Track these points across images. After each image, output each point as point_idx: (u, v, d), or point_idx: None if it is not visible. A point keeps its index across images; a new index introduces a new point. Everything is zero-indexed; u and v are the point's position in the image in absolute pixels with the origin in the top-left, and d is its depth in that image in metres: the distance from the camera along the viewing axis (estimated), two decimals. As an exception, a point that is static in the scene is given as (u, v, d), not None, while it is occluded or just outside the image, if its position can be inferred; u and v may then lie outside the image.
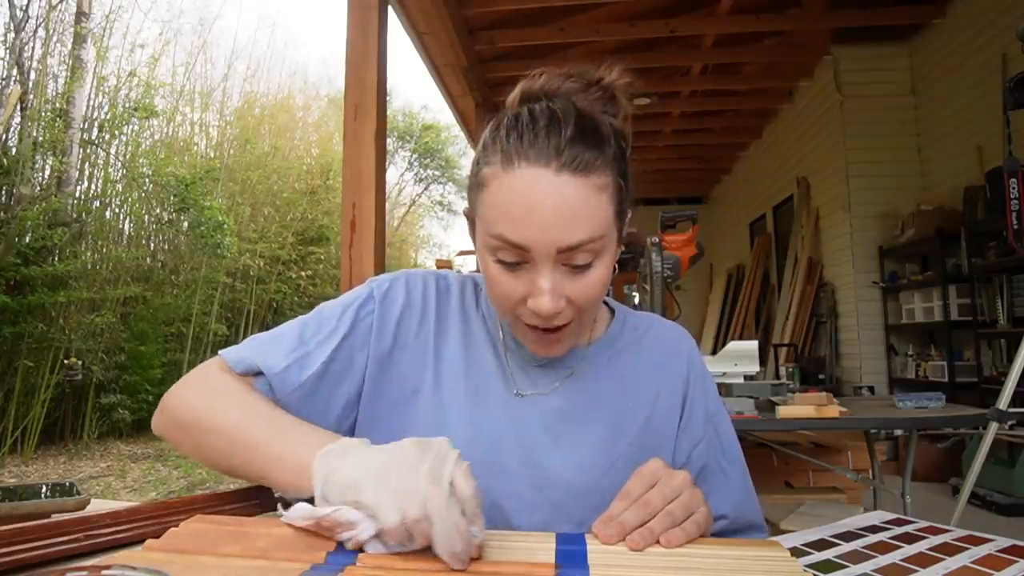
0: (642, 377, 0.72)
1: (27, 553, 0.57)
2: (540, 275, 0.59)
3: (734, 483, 0.71)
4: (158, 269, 7.26)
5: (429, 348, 0.70)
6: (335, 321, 0.69)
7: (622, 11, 4.28)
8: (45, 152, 6.30)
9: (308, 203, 8.90)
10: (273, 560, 0.46)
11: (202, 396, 0.63)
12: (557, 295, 0.59)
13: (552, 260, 0.58)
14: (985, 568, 0.50)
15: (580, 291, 0.60)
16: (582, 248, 0.58)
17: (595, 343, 0.74)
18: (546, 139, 0.57)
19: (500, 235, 0.58)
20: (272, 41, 20.99)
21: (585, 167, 0.57)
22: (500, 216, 0.58)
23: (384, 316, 0.70)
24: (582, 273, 0.60)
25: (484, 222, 0.61)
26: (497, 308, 0.66)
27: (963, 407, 2.30)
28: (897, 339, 4.71)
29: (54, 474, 5.03)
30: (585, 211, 0.57)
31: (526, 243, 0.57)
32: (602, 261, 0.61)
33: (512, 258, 0.59)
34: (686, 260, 2.19)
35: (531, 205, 0.57)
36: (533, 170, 0.57)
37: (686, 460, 0.71)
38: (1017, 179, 2.61)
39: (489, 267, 0.62)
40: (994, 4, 3.76)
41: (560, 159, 0.56)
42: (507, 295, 0.61)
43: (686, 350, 0.76)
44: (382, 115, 2.67)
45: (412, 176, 16.16)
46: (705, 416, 0.73)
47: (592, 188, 0.58)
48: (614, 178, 0.60)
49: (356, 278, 2.56)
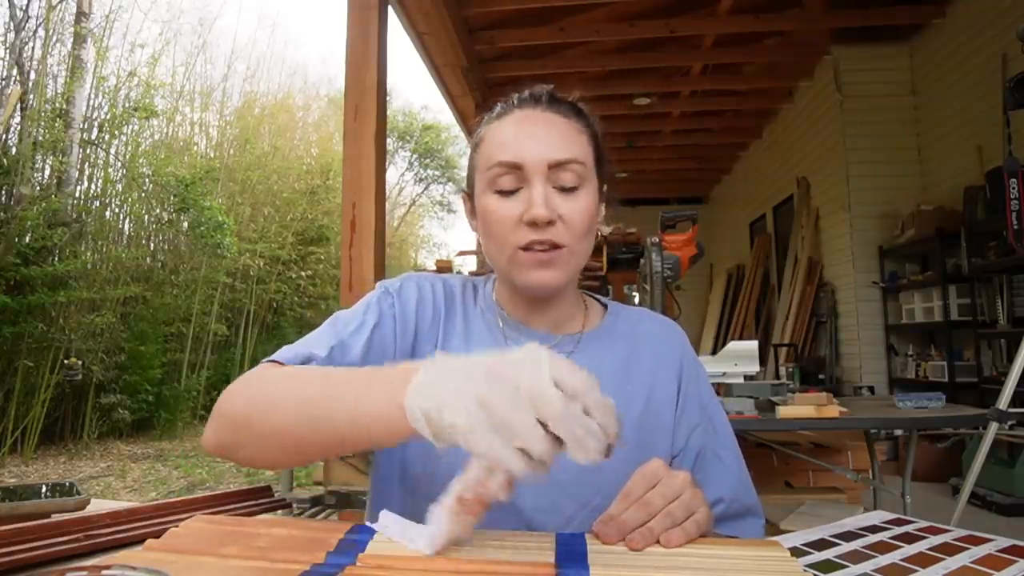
0: (638, 364, 0.75)
1: (27, 553, 0.57)
2: (533, 188, 0.66)
3: (729, 468, 0.73)
4: (158, 269, 7.25)
5: (437, 340, 0.74)
6: (361, 316, 0.71)
7: (622, 11, 4.28)
8: (45, 152, 6.30)
9: (308, 203, 8.90)
10: (273, 560, 0.46)
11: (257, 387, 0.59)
12: (550, 206, 0.66)
13: (544, 176, 0.67)
14: (985, 568, 0.50)
15: (569, 209, 0.67)
16: (569, 166, 0.67)
17: (591, 331, 0.77)
18: (532, 97, 0.71)
19: (498, 161, 0.67)
20: (272, 41, 21.00)
21: (567, 114, 0.70)
22: (496, 147, 0.68)
23: (404, 309, 0.73)
24: (570, 194, 0.68)
25: (483, 165, 0.70)
26: (496, 243, 0.70)
27: (963, 407, 2.30)
28: (897, 339, 4.71)
29: (54, 474, 5.03)
30: (570, 137, 0.69)
31: (520, 159, 0.66)
32: (586, 191, 0.69)
33: (509, 184, 0.67)
34: (686, 260, 2.19)
35: (524, 129, 0.68)
36: (523, 111, 0.70)
37: (684, 446, 0.73)
38: (1017, 179, 2.61)
39: (489, 205, 0.69)
40: (994, 4, 3.76)
41: (544, 105, 0.70)
42: (505, 218, 0.68)
43: (678, 341, 0.79)
44: (382, 115, 2.68)
45: (412, 176, 16.16)
46: (699, 404, 0.76)
47: (573, 128, 0.70)
48: (591, 133, 0.72)
49: (356, 278, 2.56)
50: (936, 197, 4.30)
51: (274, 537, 0.51)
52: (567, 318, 0.76)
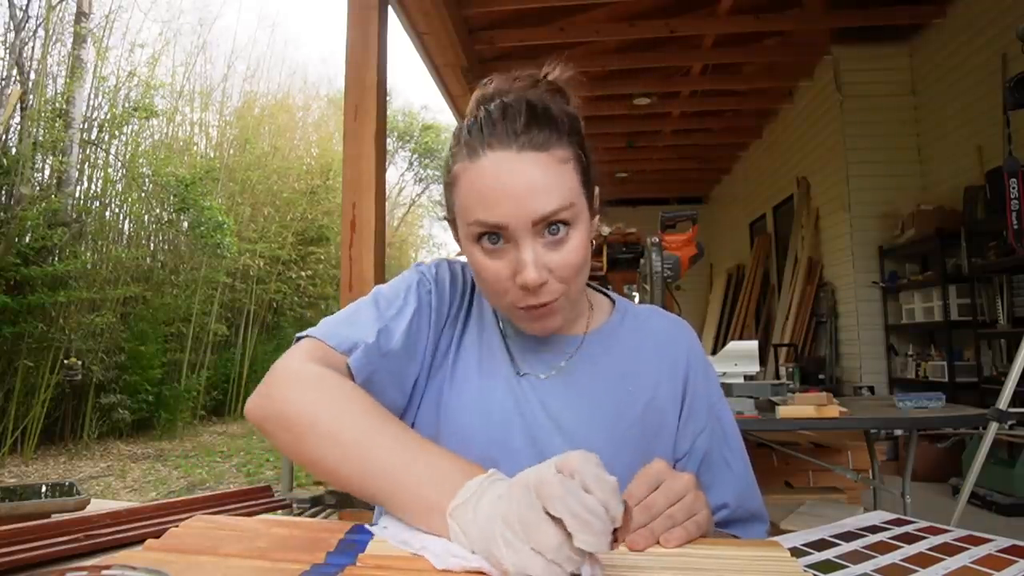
0: (642, 364, 0.74)
1: (27, 553, 0.57)
2: (521, 250, 0.62)
3: (736, 472, 0.72)
4: (158, 269, 7.26)
5: (456, 330, 0.74)
6: (402, 298, 0.70)
7: (622, 11, 4.27)
8: (45, 152, 6.30)
9: (308, 203, 8.90)
10: (273, 560, 0.46)
11: (316, 397, 0.59)
12: (540, 266, 0.62)
13: (530, 233, 0.61)
14: (985, 568, 0.50)
15: (560, 261, 0.63)
16: (555, 217, 0.61)
17: (596, 330, 0.76)
18: (504, 127, 0.62)
19: (477, 220, 0.62)
20: (272, 41, 21.01)
21: (544, 143, 0.62)
22: (474, 202, 0.62)
23: (440, 297, 0.72)
24: (560, 244, 0.63)
25: (462, 214, 0.65)
26: (489, 297, 0.69)
27: (963, 407, 2.30)
28: (897, 339, 4.71)
29: (54, 474, 5.03)
30: (552, 182, 0.61)
31: (503, 221, 0.61)
32: (577, 231, 0.64)
33: (492, 241, 0.63)
34: (686, 260, 2.19)
35: (501, 185, 0.61)
36: (497, 154, 0.61)
37: (690, 448, 0.72)
38: (1017, 179, 2.61)
39: (475, 258, 0.65)
40: (994, 4, 3.76)
41: (519, 140, 0.61)
42: (495, 279, 0.64)
43: (687, 339, 0.77)
44: (382, 115, 2.68)
45: (412, 176, 16.16)
46: (707, 405, 0.74)
47: (554, 161, 0.62)
48: (574, 151, 0.64)
49: (356, 278, 2.56)
50: (936, 197, 4.30)
51: (274, 537, 0.51)
52: (571, 321, 0.75)
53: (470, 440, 0.66)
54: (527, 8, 4.09)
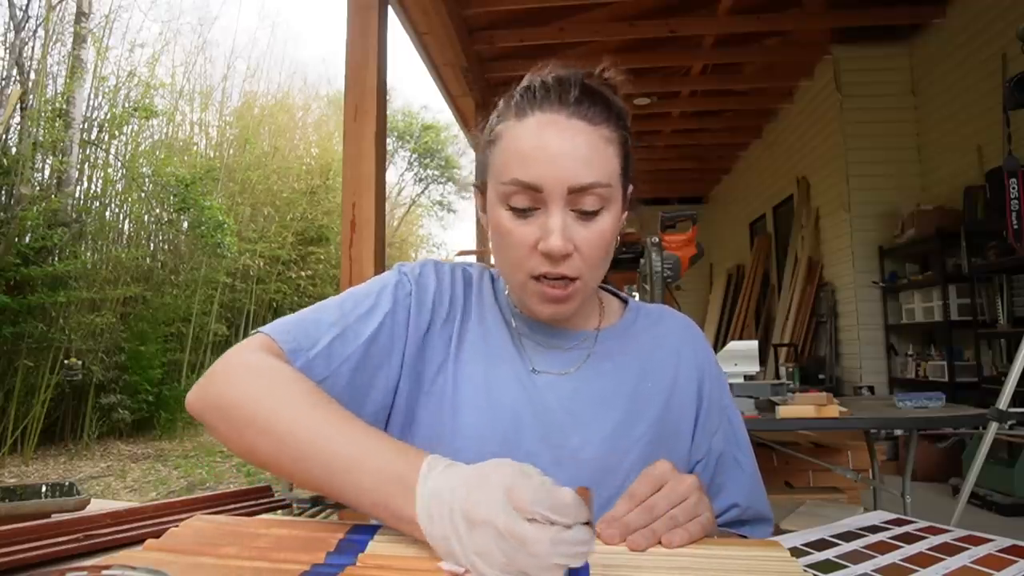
0: (659, 362, 0.73)
1: (27, 553, 0.57)
2: (551, 215, 0.60)
3: (747, 472, 0.72)
4: (158, 269, 7.25)
5: (454, 331, 0.71)
6: (373, 298, 0.68)
7: (622, 11, 4.27)
8: (45, 152, 6.30)
9: (308, 203, 8.90)
10: (273, 560, 0.46)
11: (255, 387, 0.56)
12: (566, 237, 0.60)
13: (563, 200, 0.60)
14: (985, 568, 0.50)
15: (587, 239, 0.62)
16: (591, 191, 0.60)
17: (609, 328, 0.74)
18: (557, 93, 0.62)
19: (514, 179, 0.61)
20: (272, 41, 21.04)
21: (593, 118, 0.61)
22: (513, 159, 0.61)
23: (421, 298, 0.70)
24: (590, 221, 0.62)
25: (497, 173, 0.63)
26: (507, 270, 0.66)
27: (963, 407, 2.30)
28: (897, 339, 4.71)
29: (54, 474, 5.03)
30: (595, 155, 0.61)
31: (539, 182, 0.60)
32: (609, 213, 0.63)
33: (524, 203, 0.61)
34: (686, 260, 2.19)
35: (544, 145, 0.60)
36: (546, 115, 0.61)
37: (707, 450, 0.71)
38: (1017, 179, 2.62)
39: (501, 221, 0.63)
40: (994, 4, 3.76)
41: (570, 108, 0.61)
42: (519, 243, 0.62)
43: (700, 341, 0.77)
44: (382, 115, 2.67)
45: (412, 176, 16.17)
46: (720, 406, 0.74)
47: (601, 138, 0.61)
48: (620, 136, 0.64)
49: (356, 278, 2.55)
50: (936, 197, 4.30)
51: (274, 537, 0.51)
52: (583, 316, 0.74)
53: (482, 438, 0.65)
54: (527, 8, 4.09)
